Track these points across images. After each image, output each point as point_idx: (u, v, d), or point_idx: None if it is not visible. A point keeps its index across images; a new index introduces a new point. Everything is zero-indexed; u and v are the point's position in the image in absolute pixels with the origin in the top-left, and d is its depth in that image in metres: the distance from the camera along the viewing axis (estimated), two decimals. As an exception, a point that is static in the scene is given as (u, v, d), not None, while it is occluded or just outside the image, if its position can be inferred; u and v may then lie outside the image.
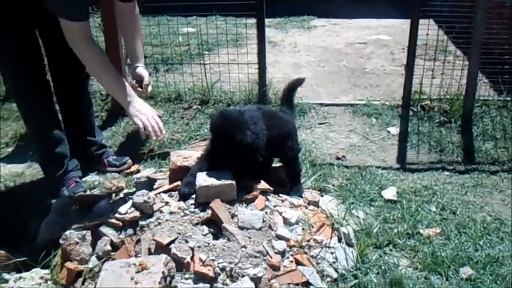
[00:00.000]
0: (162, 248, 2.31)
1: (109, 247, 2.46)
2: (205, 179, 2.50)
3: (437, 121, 3.95)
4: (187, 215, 2.45)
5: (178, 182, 2.64)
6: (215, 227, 2.41)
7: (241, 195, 2.54)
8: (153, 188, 2.70)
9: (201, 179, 2.50)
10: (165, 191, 2.63)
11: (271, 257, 2.34)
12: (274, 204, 2.63)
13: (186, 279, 2.22)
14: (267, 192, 2.67)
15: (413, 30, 3.92)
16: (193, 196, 2.52)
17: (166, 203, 2.53)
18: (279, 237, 2.44)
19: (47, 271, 2.45)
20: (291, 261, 2.38)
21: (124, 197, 2.70)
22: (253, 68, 4.24)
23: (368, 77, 4.92)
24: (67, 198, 2.99)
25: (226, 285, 2.20)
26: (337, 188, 3.13)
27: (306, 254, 2.44)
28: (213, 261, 2.25)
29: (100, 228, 2.53)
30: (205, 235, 2.36)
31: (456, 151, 3.66)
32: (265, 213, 2.51)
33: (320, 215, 2.70)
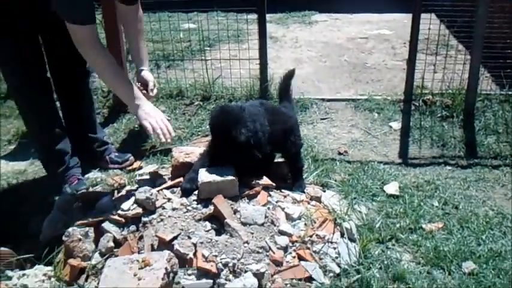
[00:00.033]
0: (164, 244, 2.32)
1: (112, 244, 2.47)
2: (207, 175, 2.50)
3: (439, 116, 3.94)
4: (189, 211, 2.45)
5: (181, 179, 2.64)
6: (218, 223, 2.42)
7: (243, 191, 2.55)
8: (155, 185, 2.70)
9: (203, 175, 2.50)
10: (167, 188, 2.64)
11: (274, 252, 2.34)
12: (276, 199, 2.63)
13: (189, 275, 2.23)
14: (269, 187, 2.67)
15: (415, 25, 3.91)
16: (195, 192, 2.53)
17: (169, 200, 2.54)
18: (282, 233, 2.45)
19: (50, 268, 2.45)
20: (294, 257, 2.39)
21: (126, 193, 2.70)
22: (255, 64, 4.23)
23: (369, 71, 4.90)
24: (69, 196, 2.99)
25: (229, 280, 2.21)
26: (339, 183, 3.13)
27: (309, 249, 2.44)
28: (215, 257, 2.25)
29: (103, 224, 2.54)
30: (207, 231, 2.37)
31: (458, 146, 3.66)
32: (268, 208, 2.51)
33: (322, 210, 2.70)
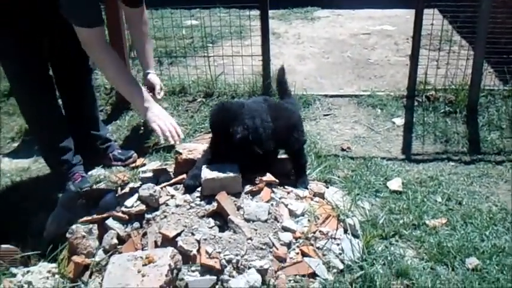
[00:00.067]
0: (168, 241, 2.32)
1: (115, 240, 2.48)
2: (210, 171, 2.50)
3: (442, 111, 3.93)
4: (193, 207, 2.46)
5: (184, 175, 2.64)
6: (221, 220, 2.42)
7: (246, 188, 2.55)
8: (158, 181, 2.70)
9: (207, 172, 2.50)
10: (170, 184, 2.64)
11: (278, 248, 2.34)
12: (279, 196, 2.63)
13: (193, 272, 2.24)
14: (272, 184, 2.67)
15: (418, 20, 3.90)
16: (198, 189, 2.53)
17: (172, 196, 2.54)
18: (285, 229, 2.45)
19: (54, 265, 2.46)
20: (297, 253, 2.39)
21: (130, 190, 2.71)
22: (257, 60, 4.22)
23: (372, 67, 4.89)
24: (73, 193, 3.01)
25: (233, 277, 2.21)
26: (343, 180, 3.13)
27: (312, 245, 2.44)
28: (219, 253, 2.26)
29: (106, 221, 2.55)
30: (211, 228, 2.37)
31: (461, 141, 3.65)
32: (271, 205, 2.52)
33: (326, 206, 2.70)
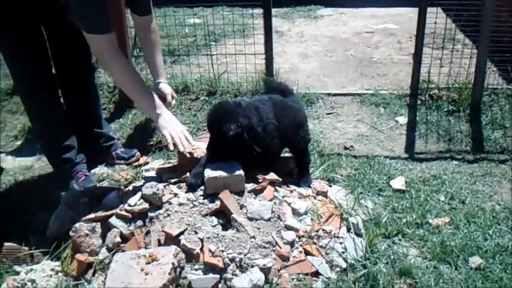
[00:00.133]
0: (171, 239, 2.32)
1: (119, 239, 2.48)
2: (213, 170, 2.50)
3: (445, 110, 3.92)
4: (196, 206, 2.46)
5: (187, 174, 2.64)
6: (224, 218, 2.42)
7: (249, 186, 2.55)
8: (162, 180, 2.70)
9: (209, 171, 2.50)
10: (174, 183, 2.64)
11: (281, 247, 2.35)
12: (282, 194, 2.64)
13: (196, 270, 2.24)
14: (275, 182, 2.67)
15: (421, 19, 3.89)
16: (202, 187, 2.53)
17: (175, 195, 2.54)
18: (288, 228, 2.45)
19: (58, 263, 2.46)
20: (300, 252, 2.39)
21: (133, 189, 2.71)
22: (260, 59, 4.23)
23: (375, 66, 4.89)
24: (76, 191, 3.01)
25: (236, 275, 2.21)
26: (346, 178, 3.13)
27: (315, 244, 2.44)
28: (222, 252, 2.26)
29: (110, 220, 2.55)
30: (214, 226, 2.37)
31: (465, 140, 3.64)
32: (274, 203, 2.52)
33: (329, 205, 2.70)
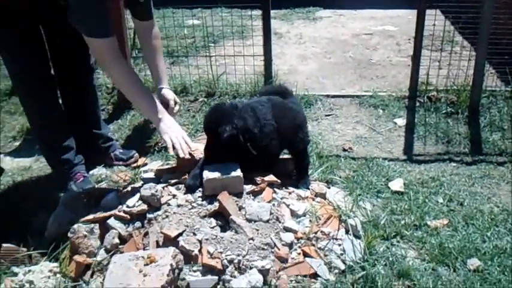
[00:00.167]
0: (170, 241, 2.32)
1: (117, 240, 2.48)
2: (212, 171, 2.50)
3: (444, 112, 3.93)
4: (194, 207, 2.46)
5: (186, 175, 2.64)
6: (223, 220, 2.42)
7: (248, 188, 2.55)
8: (160, 181, 2.70)
9: (208, 172, 2.50)
10: (172, 184, 2.64)
11: (279, 249, 2.34)
12: (281, 196, 2.63)
13: (194, 272, 2.23)
14: (274, 184, 2.67)
15: (420, 21, 3.90)
16: (200, 189, 2.53)
17: (174, 196, 2.54)
18: (287, 229, 2.45)
19: (56, 264, 2.46)
20: (299, 253, 2.39)
21: (131, 190, 2.71)
22: (259, 60, 4.23)
23: (374, 68, 4.89)
24: (75, 192, 3.01)
25: (235, 277, 2.21)
26: (344, 180, 3.13)
27: (314, 246, 2.44)
28: (221, 253, 2.26)
29: (108, 221, 2.54)
30: (213, 227, 2.37)
31: (463, 142, 3.65)
32: (273, 205, 2.52)
33: (327, 206, 2.70)
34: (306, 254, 2.39)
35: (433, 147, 3.63)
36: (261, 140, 2.59)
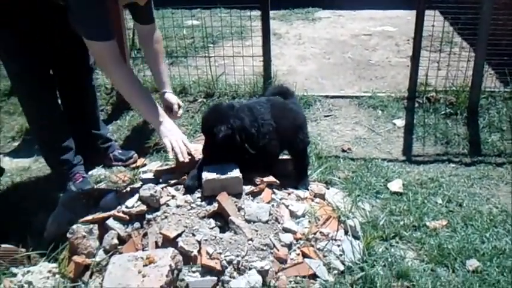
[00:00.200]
0: (169, 242, 2.32)
1: (116, 241, 2.47)
2: (211, 172, 2.50)
3: (443, 113, 3.93)
4: (193, 208, 2.45)
5: (185, 176, 2.64)
6: (222, 220, 2.42)
7: (247, 189, 2.55)
8: (159, 182, 2.70)
9: (207, 173, 2.50)
10: (171, 185, 2.64)
11: (278, 249, 2.34)
12: (280, 197, 2.63)
13: (194, 272, 2.24)
14: (273, 185, 2.67)
15: (419, 22, 3.90)
16: (199, 190, 2.53)
17: (173, 197, 2.54)
18: (286, 230, 2.45)
19: (55, 265, 2.46)
20: (298, 254, 2.39)
21: (130, 190, 2.71)
22: (258, 61, 4.23)
23: (373, 68, 4.90)
24: (74, 193, 3.01)
25: (234, 278, 2.21)
26: (343, 181, 3.13)
27: (313, 246, 2.44)
28: (220, 254, 2.25)
29: (107, 222, 2.54)
30: (212, 228, 2.37)
31: (462, 143, 3.65)
32: (272, 206, 2.52)
33: (326, 207, 2.70)
34: (305, 255, 2.39)
35: (432, 148, 3.64)
36: (258, 140, 2.59)
